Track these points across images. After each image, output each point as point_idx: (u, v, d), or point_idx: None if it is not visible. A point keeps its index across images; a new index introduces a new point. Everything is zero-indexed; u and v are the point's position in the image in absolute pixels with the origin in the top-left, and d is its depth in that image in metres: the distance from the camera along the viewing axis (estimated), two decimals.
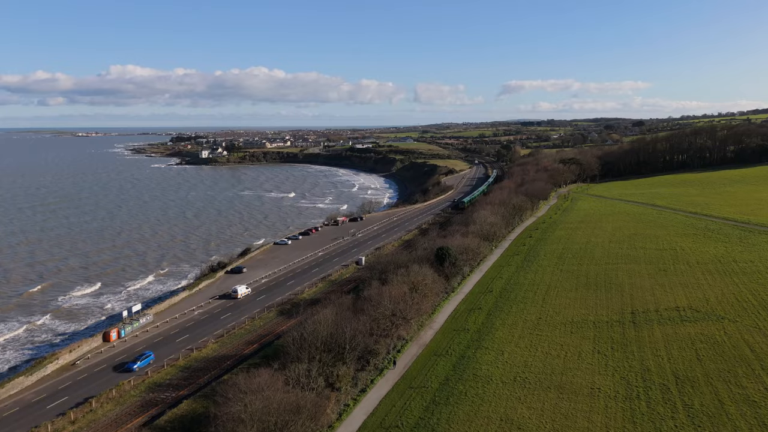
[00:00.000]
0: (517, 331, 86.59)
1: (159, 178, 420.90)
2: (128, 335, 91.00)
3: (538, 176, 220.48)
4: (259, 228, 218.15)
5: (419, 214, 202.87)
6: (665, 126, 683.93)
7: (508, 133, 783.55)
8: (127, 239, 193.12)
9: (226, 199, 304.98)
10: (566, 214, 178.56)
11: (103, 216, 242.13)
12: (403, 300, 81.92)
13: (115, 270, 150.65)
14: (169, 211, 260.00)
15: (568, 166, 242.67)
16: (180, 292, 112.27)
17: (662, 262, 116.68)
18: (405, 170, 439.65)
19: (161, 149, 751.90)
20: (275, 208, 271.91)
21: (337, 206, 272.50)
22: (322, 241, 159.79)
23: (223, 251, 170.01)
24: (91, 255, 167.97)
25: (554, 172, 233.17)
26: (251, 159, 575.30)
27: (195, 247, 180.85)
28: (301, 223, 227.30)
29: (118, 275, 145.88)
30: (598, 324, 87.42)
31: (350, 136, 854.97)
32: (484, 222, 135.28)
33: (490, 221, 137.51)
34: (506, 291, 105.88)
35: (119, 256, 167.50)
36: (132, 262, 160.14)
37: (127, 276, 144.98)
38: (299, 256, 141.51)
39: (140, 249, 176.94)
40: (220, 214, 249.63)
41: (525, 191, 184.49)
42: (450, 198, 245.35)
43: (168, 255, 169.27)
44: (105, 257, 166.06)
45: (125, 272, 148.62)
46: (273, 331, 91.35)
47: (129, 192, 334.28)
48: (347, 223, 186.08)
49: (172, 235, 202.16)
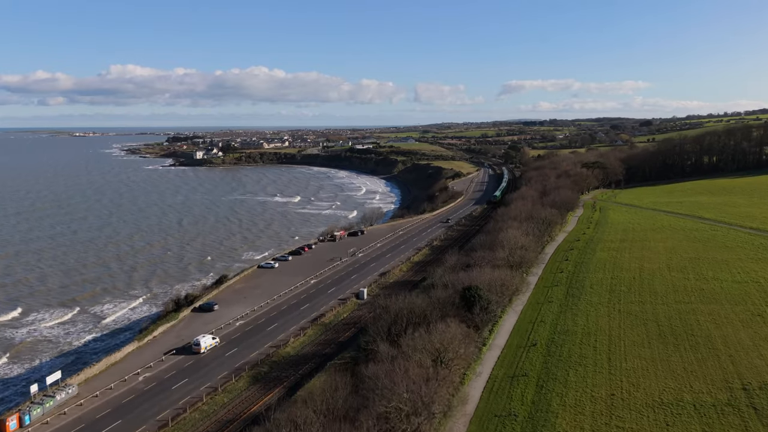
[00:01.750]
0: (586, 418, 59.59)
1: (151, 181, 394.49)
2: (36, 421, 63.95)
3: (560, 183, 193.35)
4: (261, 238, 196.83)
5: (428, 227, 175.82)
6: (674, 126, 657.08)
7: (511, 133, 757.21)
8: (116, 252, 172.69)
9: (225, 204, 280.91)
10: (601, 228, 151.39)
11: (92, 224, 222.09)
12: (425, 382, 54.98)
13: (94, 293, 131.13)
14: (164, 218, 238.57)
15: (591, 171, 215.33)
16: (127, 344, 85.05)
17: (751, 301, 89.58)
18: (407, 172, 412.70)
19: (157, 150, 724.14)
20: (278, 214, 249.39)
21: (344, 213, 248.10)
22: (316, 262, 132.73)
23: (219, 267, 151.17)
24: (73, 272, 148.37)
25: (577, 178, 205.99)
26: (247, 160, 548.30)
27: (189, 261, 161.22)
28: (307, 232, 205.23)
29: (97, 298, 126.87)
30: (701, 408, 60.27)
31: (350, 136, 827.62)
32: (514, 245, 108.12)
33: (521, 243, 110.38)
34: (555, 344, 78.81)
35: (104, 273, 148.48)
36: (117, 281, 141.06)
37: (107, 300, 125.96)
38: (287, 284, 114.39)
39: (129, 264, 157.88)
40: (219, 222, 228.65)
41: (551, 202, 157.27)
42: (460, 205, 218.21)
43: (158, 271, 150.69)
44: (88, 275, 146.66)
45: (107, 295, 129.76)
46: (240, 415, 64.38)
47: (124, 196, 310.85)
48: (346, 238, 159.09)
49: (166, 246, 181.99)
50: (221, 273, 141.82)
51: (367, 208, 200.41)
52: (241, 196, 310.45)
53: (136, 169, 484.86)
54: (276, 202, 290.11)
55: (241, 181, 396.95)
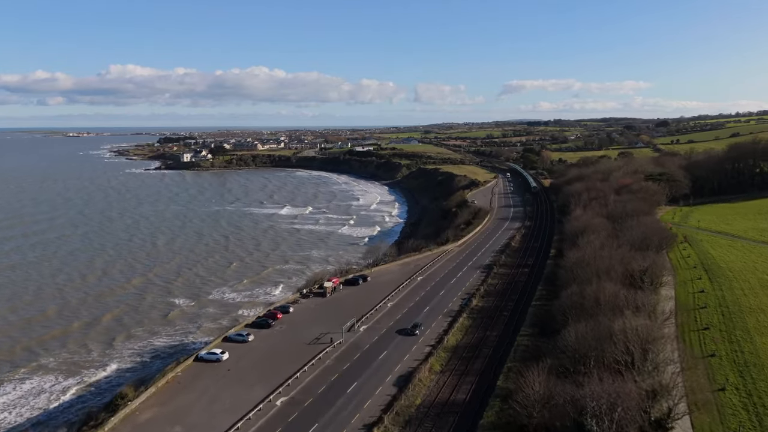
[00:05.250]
0: None
1: (131, 187, 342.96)
2: None
3: (626, 202, 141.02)
4: (246, 264, 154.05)
5: (456, 267, 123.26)
6: (693, 126, 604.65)
7: (517, 134, 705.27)
8: (64, 281, 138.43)
9: (209, 216, 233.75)
10: (719, 280, 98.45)
11: (49, 242, 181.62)
12: None
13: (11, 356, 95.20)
14: (137, 234, 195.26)
15: (659, 185, 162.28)
16: None
17: None
18: (413, 178, 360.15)
19: (146, 151, 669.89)
20: (270, 229, 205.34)
21: (348, 231, 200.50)
22: (290, 348, 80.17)
23: (185, 306, 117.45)
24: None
25: (644, 194, 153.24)
26: (238, 163, 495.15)
27: (151, 303, 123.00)
28: (303, 256, 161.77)
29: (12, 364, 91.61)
30: None
31: (349, 137, 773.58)
32: (629, 334, 56.40)
33: (641, 332, 58.51)
34: None
35: (34, 320, 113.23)
36: (47, 336, 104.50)
37: (24, 373, 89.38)
38: (228, 416, 61.91)
39: (72, 305, 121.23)
40: (201, 240, 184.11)
41: (641, 239, 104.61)
42: (490, 229, 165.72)
43: (106, 321, 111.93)
44: (11, 321, 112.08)
45: (25, 363, 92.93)
46: None
47: (96, 205, 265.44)
48: (340, 290, 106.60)
49: (128, 275, 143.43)
50: (153, 351, 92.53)
51: (372, 248, 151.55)
52: (221, 206, 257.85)
53: (116, 173, 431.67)
54: (264, 215, 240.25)
55: (227, 188, 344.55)
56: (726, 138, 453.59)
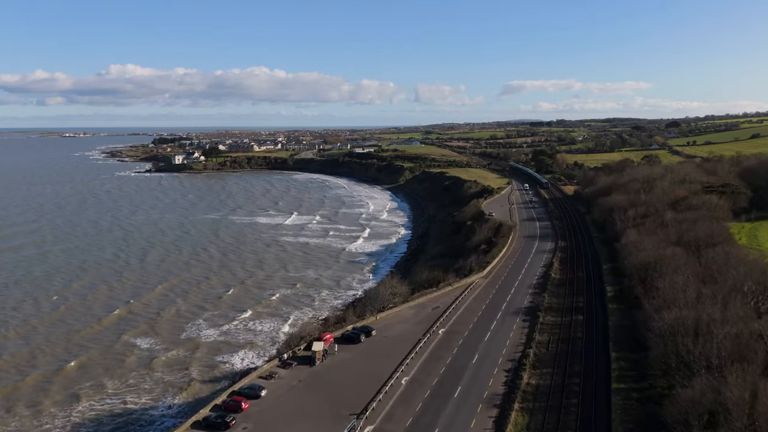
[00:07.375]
0: None
1: (118, 192, 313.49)
2: None
3: (697, 221, 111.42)
4: (246, 288, 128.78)
5: (488, 311, 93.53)
6: (706, 127, 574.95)
7: (521, 135, 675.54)
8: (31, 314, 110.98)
9: (206, 226, 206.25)
10: None
11: (7, 266, 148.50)
12: None
13: None
14: (121, 253, 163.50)
15: (720, 197, 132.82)
16: None
17: None
18: (417, 182, 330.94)
19: (139, 152, 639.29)
20: (273, 242, 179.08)
21: (362, 246, 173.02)
22: None
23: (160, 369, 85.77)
24: None
25: (710, 211, 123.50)
26: (233, 165, 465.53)
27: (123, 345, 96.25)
28: (309, 281, 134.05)
29: None
30: None
31: (349, 137, 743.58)
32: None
33: None
34: None
35: None
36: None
37: None
38: None
39: (32, 348, 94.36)
40: (191, 262, 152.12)
41: (733, 280, 75.04)
42: (515, 251, 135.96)
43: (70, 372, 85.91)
44: None
45: None
46: None
47: (78, 214, 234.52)
48: (335, 354, 76.66)
49: (96, 312, 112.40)
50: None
51: (374, 290, 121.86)
52: (208, 215, 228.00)
53: (102, 177, 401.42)
54: (257, 224, 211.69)
55: (218, 192, 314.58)
56: (747, 139, 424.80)
